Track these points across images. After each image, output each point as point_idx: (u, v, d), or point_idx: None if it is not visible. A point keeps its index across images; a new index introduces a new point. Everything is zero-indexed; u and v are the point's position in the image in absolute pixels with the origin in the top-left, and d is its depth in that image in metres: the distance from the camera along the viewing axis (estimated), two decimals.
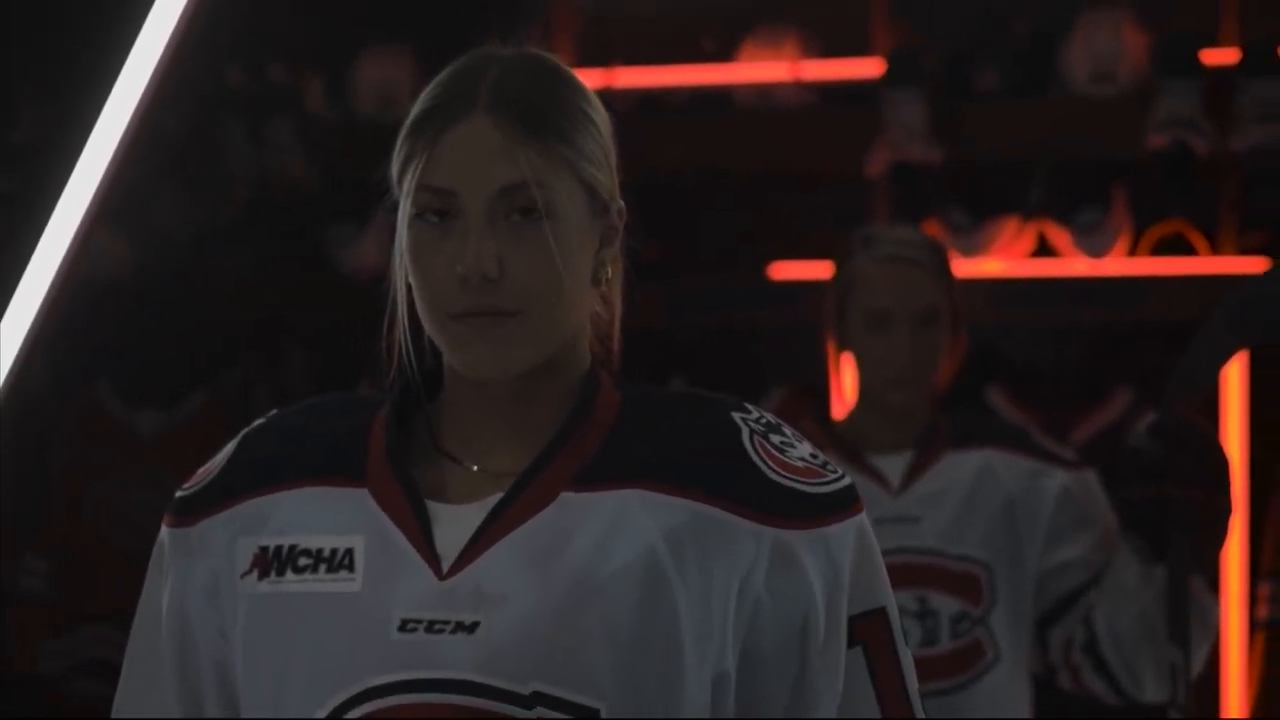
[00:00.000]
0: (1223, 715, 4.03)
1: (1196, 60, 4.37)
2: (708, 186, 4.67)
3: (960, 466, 2.74)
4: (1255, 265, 4.15)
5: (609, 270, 1.59)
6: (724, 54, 4.81)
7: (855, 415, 2.78)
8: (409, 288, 1.56)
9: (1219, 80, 4.37)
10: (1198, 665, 2.59)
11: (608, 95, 1.63)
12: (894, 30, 4.72)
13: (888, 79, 4.52)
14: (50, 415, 4.45)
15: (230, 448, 1.63)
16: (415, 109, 1.56)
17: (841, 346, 2.77)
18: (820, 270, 4.33)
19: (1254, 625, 4.09)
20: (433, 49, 4.83)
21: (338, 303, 4.69)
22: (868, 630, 1.54)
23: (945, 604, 2.67)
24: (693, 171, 4.56)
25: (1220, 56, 4.45)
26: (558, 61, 1.59)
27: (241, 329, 4.88)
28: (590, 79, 4.53)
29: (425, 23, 4.86)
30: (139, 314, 4.47)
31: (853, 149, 4.52)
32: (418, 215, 1.52)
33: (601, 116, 1.57)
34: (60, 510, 4.54)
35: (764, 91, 4.73)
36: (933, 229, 4.32)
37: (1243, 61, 4.38)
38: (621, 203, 1.59)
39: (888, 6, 4.72)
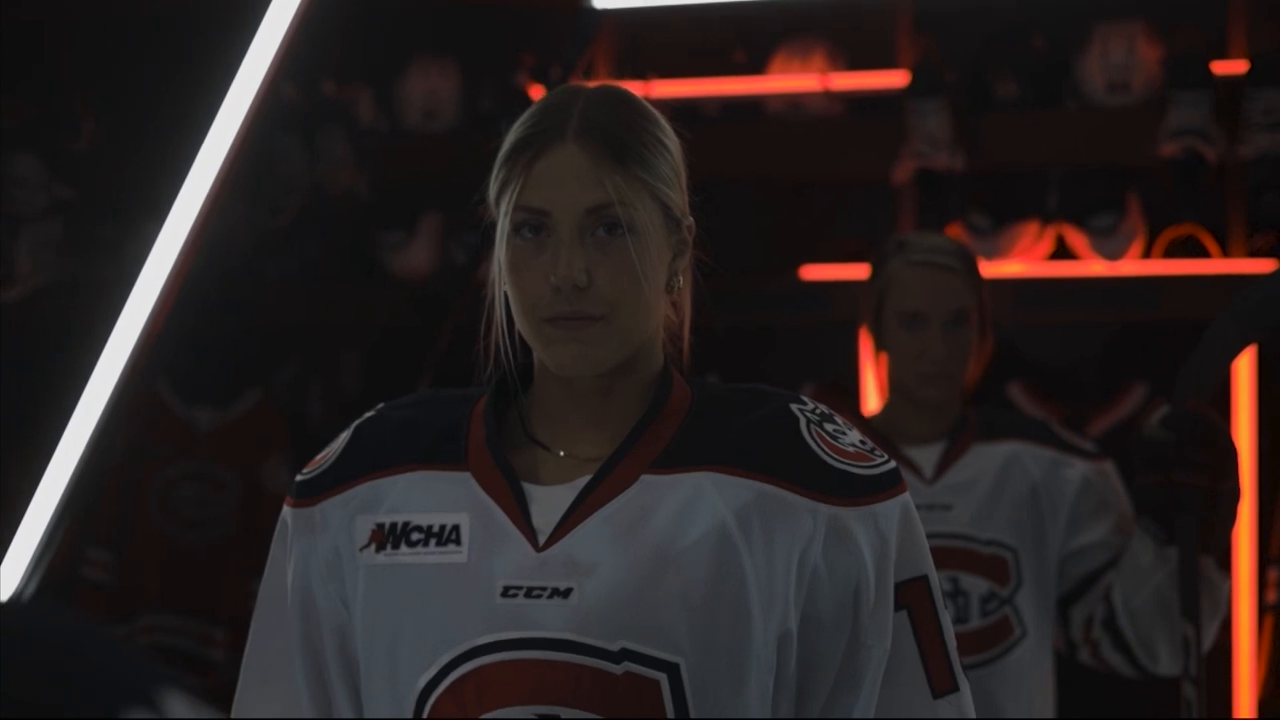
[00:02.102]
0: (1234, 694, 4.09)
1: (1207, 72, 4.41)
2: (740, 192, 4.78)
3: (988, 457, 2.84)
4: (1264, 266, 4.23)
5: (680, 279, 1.76)
6: (755, 66, 4.86)
7: (889, 409, 2.89)
8: (505, 296, 1.73)
9: (1228, 90, 4.41)
10: (1209, 639, 2.68)
11: None
12: (918, 44, 4.76)
13: (912, 90, 4.56)
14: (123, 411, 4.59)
15: (345, 437, 1.79)
16: (510, 138, 1.73)
17: (878, 345, 2.88)
18: (848, 273, 4.46)
19: (1263, 608, 4.15)
20: (475, 63, 4.97)
21: (386, 305, 4.81)
22: (911, 595, 1.69)
23: (975, 584, 2.78)
24: (726, 178, 4.66)
25: (1229, 68, 4.48)
26: (635, 95, 1.76)
27: (294, 330, 4.98)
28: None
29: (468, 38, 4.97)
30: (198, 315, 4.60)
31: (879, 157, 4.57)
32: (515, 232, 1.69)
33: (674, 143, 1.74)
34: (121, 501, 4.65)
35: (794, 102, 4.78)
36: (956, 233, 4.38)
37: (1250, 72, 4.42)
38: (691, 219, 1.76)
39: (912, 21, 4.77)
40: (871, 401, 4.10)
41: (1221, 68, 4.48)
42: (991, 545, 2.81)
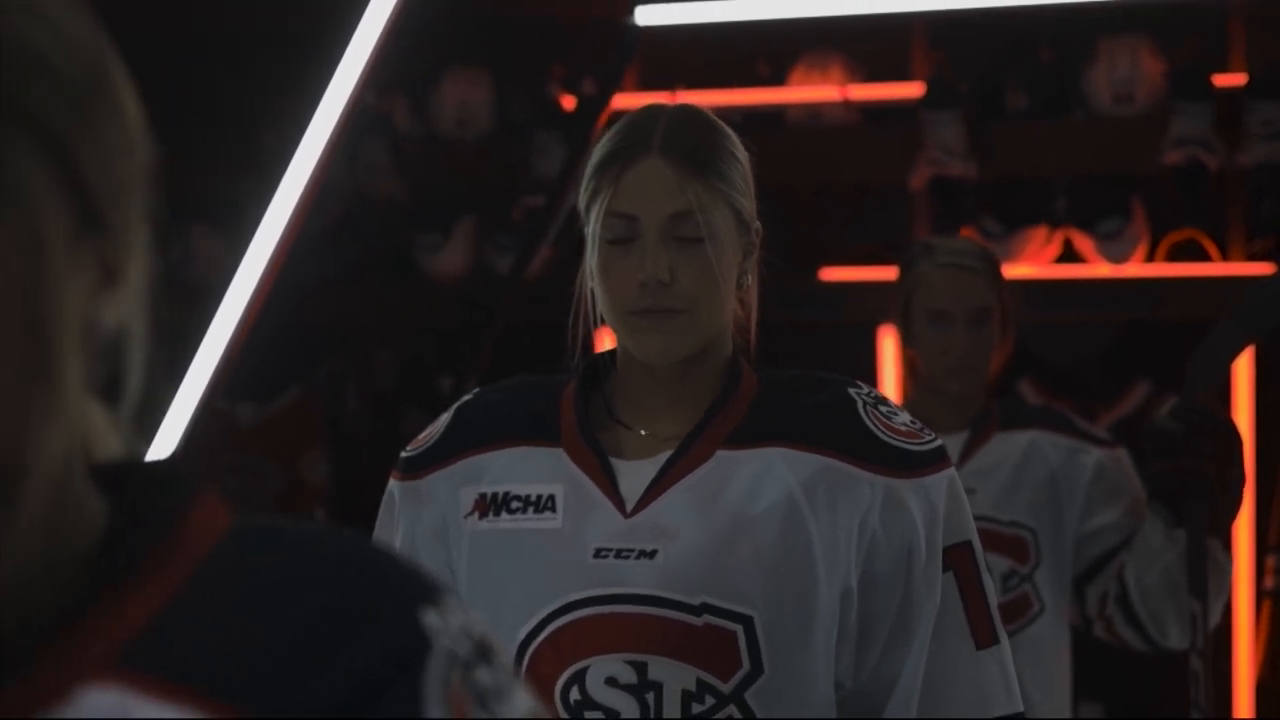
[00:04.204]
0: (1233, 676, 4.20)
1: (1208, 84, 4.52)
2: (761, 198, 4.87)
3: (1009, 445, 2.95)
4: (1262, 269, 4.35)
5: (749, 278, 1.93)
6: (777, 78, 4.97)
7: (916, 400, 3.01)
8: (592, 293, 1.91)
9: (1228, 102, 4.52)
10: (1215, 615, 2.78)
11: None
12: (932, 57, 4.87)
13: (927, 101, 4.67)
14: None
15: (446, 417, 1.94)
16: (598, 153, 1.89)
17: (906, 341, 3.00)
18: (865, 275, 4.62)
19: (1261, 594, 4.28)
20: (507, 73, 5.12)
21: (421, 306, 4.93)
22: (957, 558, 1.84)
23: (997, 563, 2.88)
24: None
25: (1229, 81, 4.60)
26: (708, 113, 1.93)
27: (334, 329, 5.10)
28: (654, 100, 4.74)
29: (500, 49, 5.11)
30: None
31: (895, 164, 4.68)
32: (605, 234, 1.85)
33: (744, 155, 1.92)
34: None
35: (813, 112, 4.90)
36: (968, 237, 4.49)
37: (1250, 85, 4.55)
38: (759, 224, 1.93)
39: (927, 35, 4.88)
40: (889, 396, 4.24)
41: (1222, 81, 4.59)
42: (1013, 526, 2.92)
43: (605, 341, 4.19)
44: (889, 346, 4.53)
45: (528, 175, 4.94)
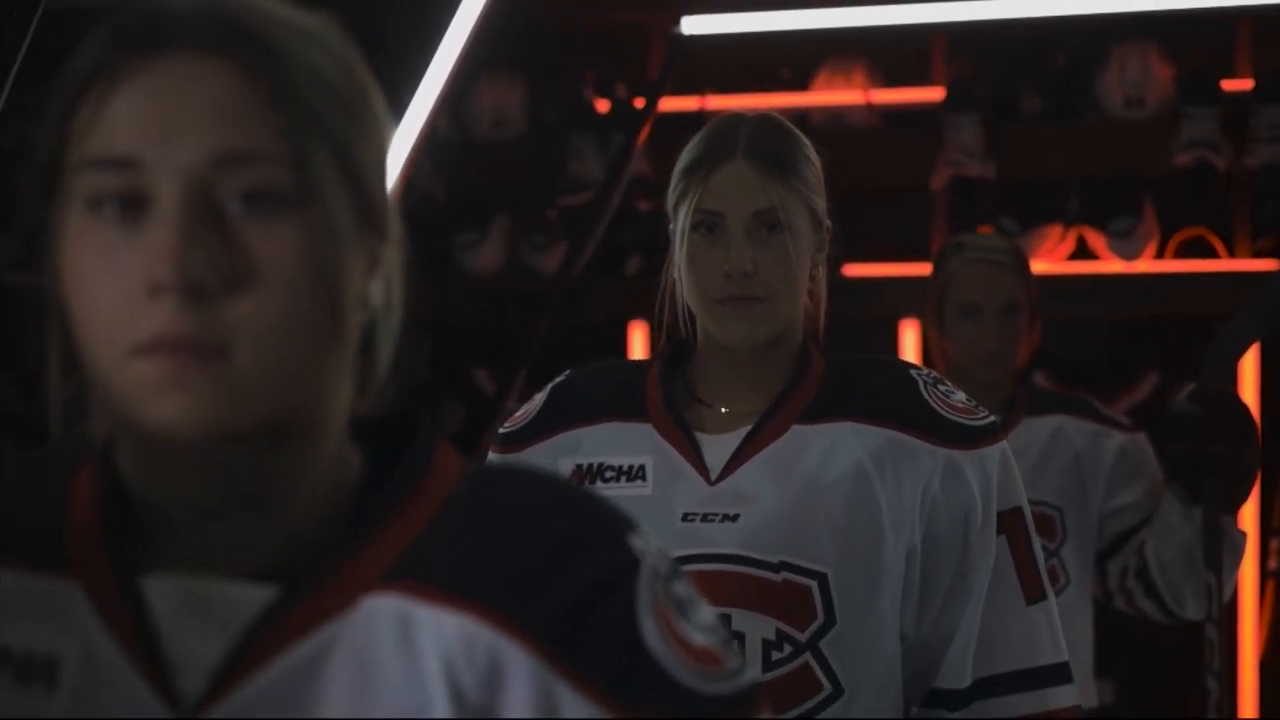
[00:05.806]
0: (1238, 653, 4.30)
1: (1216, 89, 4.60)
2: None
3: (1037, 429, 3.08)
4: (1266, 266, 4.44)
5: (819, 271, 2.08)
6: (800, 82, 5.07)
7: None
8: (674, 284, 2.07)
9: (1235, 106, 4.60)
10: (1229, 588, 2.90)
11: (701, 118, 2.09)
12: (951, 61, 4.96)
13: (947, 104, 4.77)
14: None
15: (542, 396, 2.10)
16: (685, 158, 2.05)
17: (940, 332, 3.11)
18: (888, 270, 4.76)
19: (1265, 576, 4.37)
20: (541, 77, 5.26)
21: (459, 301, 5.02)
22: (1009, 523, 2.00)
23: None
24: None
25: (1236, 86, 4.69)
26: (785, 120, 2.09)
27: None
28: (686, 104, 4.86)
29: (535, 54, 5.23)
30: None
31: (916, 166, 4.77)
32: (693, 230, 2.01)
33: (817, 159, 2.08)
34: None
35: (836, 115, 4.99)
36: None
37: (1256, 90, 4.63)
38: (829, 221, 2.08)
39: (946, 41, 4.97)
40: None
41: (1229, 85, 4.67)
42: (1040, 505, 3.00)
43: (638, 336, 4.32)
44: (910, 339, 4.66)
45: (562, 176, 5.09)
